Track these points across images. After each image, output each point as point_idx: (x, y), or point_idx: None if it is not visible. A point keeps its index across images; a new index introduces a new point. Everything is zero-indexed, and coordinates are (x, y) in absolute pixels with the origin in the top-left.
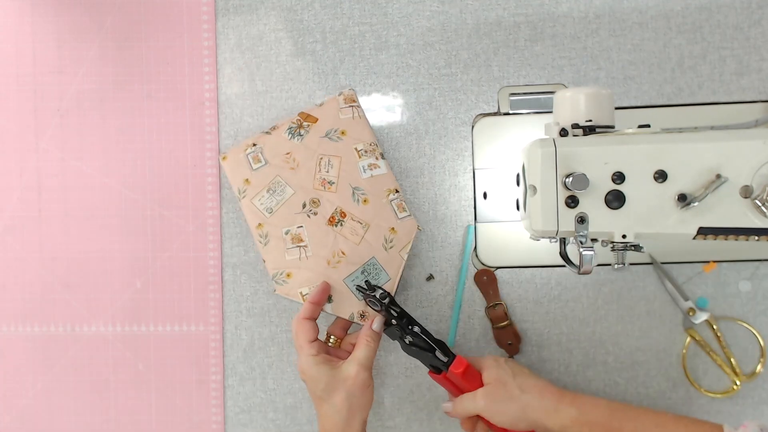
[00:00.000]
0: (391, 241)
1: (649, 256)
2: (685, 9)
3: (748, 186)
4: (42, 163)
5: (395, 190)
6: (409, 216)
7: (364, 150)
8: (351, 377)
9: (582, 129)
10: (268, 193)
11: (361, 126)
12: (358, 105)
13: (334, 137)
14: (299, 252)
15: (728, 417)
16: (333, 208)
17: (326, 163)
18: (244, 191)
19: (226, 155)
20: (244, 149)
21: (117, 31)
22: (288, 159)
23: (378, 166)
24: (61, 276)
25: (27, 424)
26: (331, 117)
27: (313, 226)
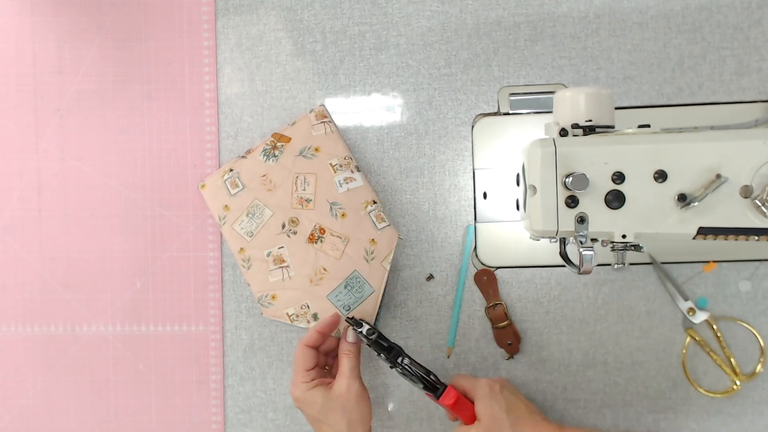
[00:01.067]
0: (372, 253)
1: (649, 256)
2: (685, 9)
3: (748, 186)
4: (42, 163)
5: (372, 201)
6: (388, 226)
7: (339, 164)
8: (343, 392)
9: (582, 129)
10: (247, 217)
11: (334, 141)
12: (329, 120)
13: (308, 155)
14: (282, 273)
15: (728, 417)
16: (312, 225)
17: (302, 182)
18: (224, 218)
19: (204, 183)
20: (222, 176)
21: (117, 31)
22: (265, 181)
23: (354, 179)
24: (61, 276)
25: (27, 424)
26: (303, 135)
27: (294, 246)
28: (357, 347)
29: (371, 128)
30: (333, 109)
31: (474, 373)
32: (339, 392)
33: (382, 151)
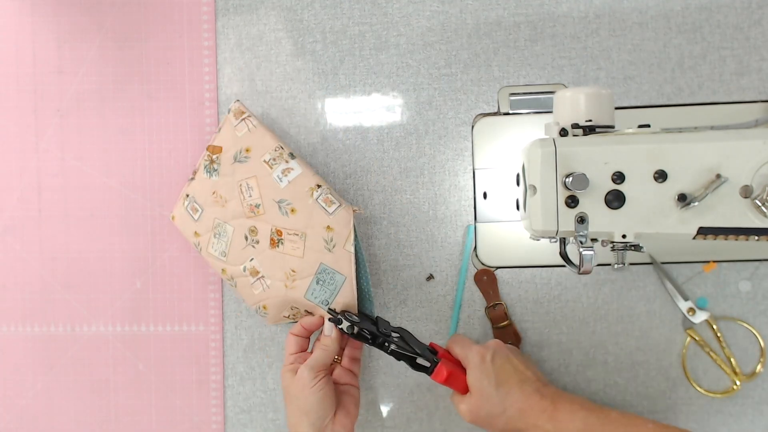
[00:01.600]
0: (331, 240)
1: (649, 256)
2: (685, 9)
3: (748, 186)
4: (42, 163)
5: (317, 185)
6: (339, 207)
7: (273, 159)
8: (297, 380)
9: (582, 129)
10: (216, 238)
11: (260, 135)
12: (249, 115)
13: (241, 158)
14: (261, 284)
15: (728, 417)
16: (269, 229)
17: (246, 187)
18: (198, 244)
19: (173, 214)
20: (183, 203)
21: (117, 31)
22: (216, 198)
23: (291, 168)
24: (61, 276)
25: (27, 424)
26: (230, 139)
27: (261, 255)
28: (334, 341)
29: (371, 128)
30: (333, 109)
31: None
32: (296, 378)
33: (382, 151)
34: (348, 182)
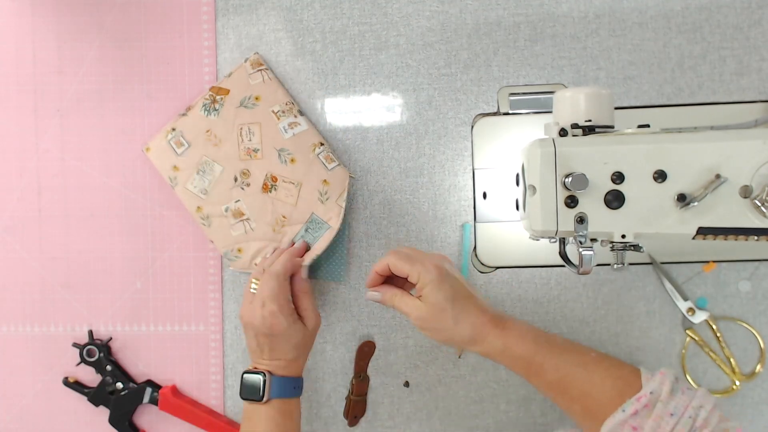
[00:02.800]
0: (326, 193)
1: (649, 256)
2: (685, 9)
3: (748, 186)
4: (42, 163)
5: (320, 143)
6: (338, 165)
7: (282, 111)
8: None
9: (581, 129)
10: (198, 175)
11: (274, 88)
12: (266, 68)
13: (249, 104)
14: (243, 226)
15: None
16: (263, 174)
17: (247, 132)
18: (175, 179)
19: (148, 146)
20: (165, 136)
21: (117, 31)
22: (209, 136)
23: (298, 123)
24: (61, 276)
25: (27, 424)
26: (241, 85)
27: (250, 198)
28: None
29: (371, 128)
30: (333, 109)
31: (474, 374)
32: (314, 327)
33: (382, 151)
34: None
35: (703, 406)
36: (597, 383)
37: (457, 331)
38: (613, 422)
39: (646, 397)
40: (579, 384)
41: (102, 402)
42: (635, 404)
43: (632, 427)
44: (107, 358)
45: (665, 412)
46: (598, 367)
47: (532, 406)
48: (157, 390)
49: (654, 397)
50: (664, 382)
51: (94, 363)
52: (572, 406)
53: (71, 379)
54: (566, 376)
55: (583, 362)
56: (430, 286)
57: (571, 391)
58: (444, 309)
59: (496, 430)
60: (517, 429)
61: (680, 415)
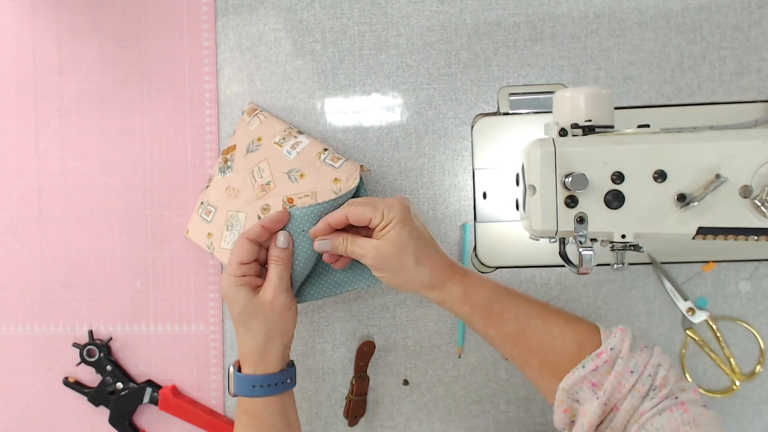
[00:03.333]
0: (339, 190)
1: (649, 256)
2: (685, 9)
3: (748, 186)
4: (42, 163)
5: (324, 149)
6: (345, 161)
7: (282, 138)
8: (268, 301)
9: (581, 129)
10: (228, 231)
11: (271, 123)
12: (260, 110)
13: (253, 148)
14: None
15: (727, 417)
16: (280, 201)
17: (258, 171)
18: (211, 245)
19: (187, 229)
20: (197, 212)
21: (117, 31)
22: (229, 192)
23: (300, 142)
24: (61, 276)
25: (27, 424)
26: (244, 136)
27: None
28: (288, 254)
29: (371, 128)
30: (333, 109)
31: (474, 374)
32: (264, 300)
33: (382, 151)
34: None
35: (661, 365)
36: (557, 336)
37: (417, 273)
38: (573, 378)
39: (607, 353)
40: (538, 335)
41: (102, 402)
42: (595, 360)
43: (592, 384)
44: (107, 358)
45: (626, 369)
46: (558, 320)
47: (532, 406)
48: (157, 390)
49: (614, 353)
50: (624, 339)
51: (94, 363)
52: (530, 360)
53: (71, 379)
54: (526, 327)
55: (542, 314)
56: (394, 221)
57: (530, 342)
58: (406, 246)
59: (496, 430)
60: (517, 429)
61: (640, 372)
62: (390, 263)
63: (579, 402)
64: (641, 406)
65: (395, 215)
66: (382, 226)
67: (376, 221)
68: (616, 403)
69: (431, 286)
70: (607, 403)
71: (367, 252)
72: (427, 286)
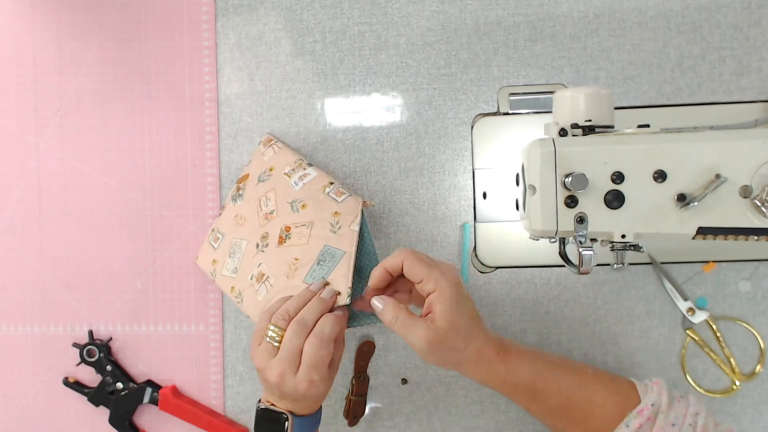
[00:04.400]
0: (337, 223)
1: (649, 256)
2: (685, 9)
3: (748, 186)
4: (42, 163)
5: (329, 183)
6: (349, 196)
7: (291, 169)
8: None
9: (581, 129)
10: (230, 258)
11: (284, 154)
12: (275, 141)
13: (264, 178)
14: (265, 287)
15: (727, 417)
16: (278, 230)
17: (264, 200)
18: (214, 271)
19: (198, 256)
20: (207, 239)
21: (117, 31)
22: (237, 220)
23: (308, 174)
24: (61, 276)
25: (27, 424)
26: (257, 165)
27: (269, 257)
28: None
29: (371, 128)
30: (333, 109)
31: None
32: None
33: (382, 151)
34: (348, 182)
35: (699, 413)
36: (599, 404)
37: (465, 354)
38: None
39: (648, 409)
40: (581, 406)
41: (102, 402)
42: (638, 418)
43: None
44: (107, 358)
45: (667, 423)
46: (597, 386)
47: None
48: (157, 390)
49: (655, 409)
50: (662, 393)
51: (94, 363)
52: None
53: (71, 379)
54: (569, 399)
55: (582, 383)
56: (448, 301)
57: (573, 415)
58: (458, 329)
59: (496, 430)
60: (517, 429)
61: (681, 424)
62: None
63: None
64: None
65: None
66: (435, 298)
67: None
68: None
69: (476, 366)
70: None
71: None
72: (472, 365)
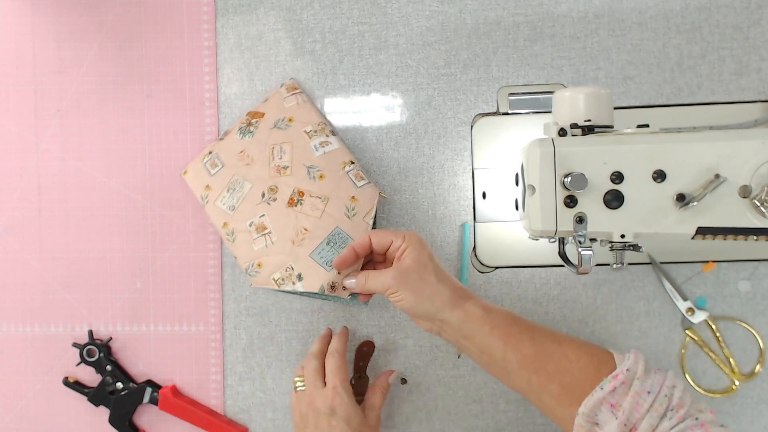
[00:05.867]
0: (353, 209)
1: (648, 256)
2: (685, 9)
3: (747, 186)
4: (42, 163)
5: (350, 161)
6: (368, 183)
7: (314, 130)
8: (373, 426)
9: (581, 129)
10: (228, 193)
11: (307, 110)
12: (300, 92)
13: (282, 126)
14: (264, 240)
15: (727, 417)
16: (290, 190)
17: (279, 151)
18: (206, 197)
19: (186, 170)
20: (202, 159)
21: (117, 31)
22: (242, 156)
23: (329, 142)
24: (61, 276)
25: (27, 424)
26: (276, 108)
27: (275, 212)
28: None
29: (370, 128)
30: (333, 109)
31: (473, 374)
32: (372, 424)
33: (382, 151)
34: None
35: (676, 386)
36: (572, 359)
37: (438, 289)
38: (592, 401)
39: (623, 374)
40: (555, 358)
41: (102, 402)
42: (612, 381)
43: (611, 405)
44: (107, 358)
45: (642, 389)
46: (572, 343)
47: (531, 406)
48: (157, 390)
49: (630, 374)
50: (638, 361)
51: (94, 363)
52: (549, 386)
53: (71, 379)
54: (542, 349)
55: (556, 337)
56: (413, 245)
57: (547, 366)
58: (426, 265)
59: (496, 430)
60: (517, 429)
61: (656, 393)
62: (411, 279)
63: (599, 425)
64: (659, 426)
65: (414, 240)
66: (402, 248)
67: (397, 244)
68: (635, 423)
69: (452, 305)
70: (626, 423)
71: (385, 279)
72: (448, 303)
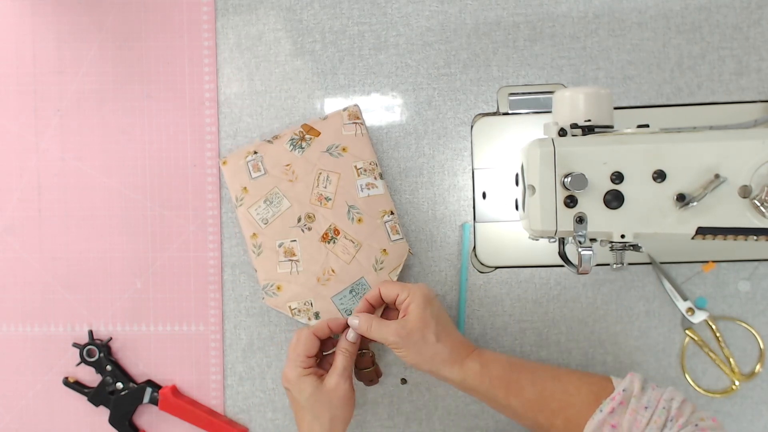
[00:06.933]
0: (381, 263)
1: (648, 256)
2: (685, 9)
3: (747, 186)
4: (42, 163)
5: (390, 211)
6: (401, 239)
7: (364, 169)
8: (332, 388)
9: (581, 129)
10: (264, 204)
11: (363, 144)
12: (362, 122)
13: (335, 153)
14: (291, 266)
15: (727, 417)
16: (327, 224)
17: (324, 179)
18: (242, 199)
19: (226, 160)
20: (245, 156)
21: (117, 31)
22: (287, 171)
23: (376, 186)
24: (61, 276)
25: (27, 424)
26: (333, 132)
27: (306, 241)
28: (355, 348)
29: (370, 128)
30: (333, 109)
31: None
32: (329, 387)
33: (382, 151)
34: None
35: (674, 398)
36: (573, 393)
37: (438, 349)
38: (593, 424)
39: (620, 395)
40: (557, 396)
41: (102, 402)
42: (611, 403)
43: (611, 425)
44: (107, 358)
45: (640, 406)
46: (571, 377)
47: None
48: (157, 390)
49: (627, 394)
50: (634, 381)
51: (94, 363)
52: (555, 422)
53: (71, 379)
54: (544, 390)
55: (556, 375)
56: (417, 301)
57: (551, 404)
58: (428, 324)
59: (496, 430)
60: (517, 429)
61: (654, 407)
62: (413, 338)
63: None
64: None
65: (418, 296)
66: (407, 303)
67: (402, 297)
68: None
69: (451, 363)
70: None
71: (389, 332)
72: (447, 362)
